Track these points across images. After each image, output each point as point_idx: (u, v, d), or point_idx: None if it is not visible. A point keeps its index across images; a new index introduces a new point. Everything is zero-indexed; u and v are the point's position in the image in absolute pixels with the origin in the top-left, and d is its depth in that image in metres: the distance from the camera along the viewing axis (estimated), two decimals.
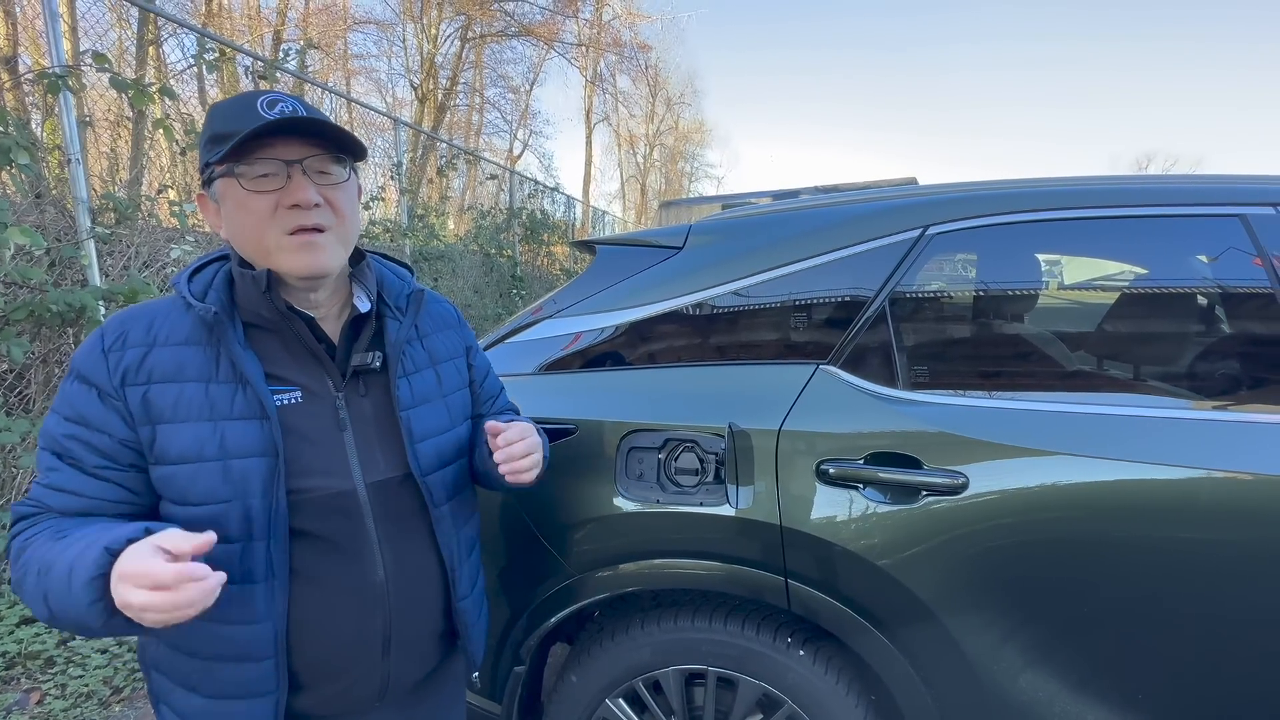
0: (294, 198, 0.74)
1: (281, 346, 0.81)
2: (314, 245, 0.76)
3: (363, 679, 0.84)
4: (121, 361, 0.74)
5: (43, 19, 2.58)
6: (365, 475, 0.82)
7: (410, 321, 0.90)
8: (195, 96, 5.10)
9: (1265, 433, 1.01)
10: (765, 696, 1.21)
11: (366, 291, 0.86)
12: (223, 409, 0.75)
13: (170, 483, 0.74)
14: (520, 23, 17.23)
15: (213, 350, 0.76)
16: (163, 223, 3.21)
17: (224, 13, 11.54)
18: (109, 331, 0.76)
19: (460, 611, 0.92)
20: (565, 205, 12.07)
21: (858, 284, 1.22)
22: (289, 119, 0.73)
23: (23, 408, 2.50)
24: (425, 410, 0.89)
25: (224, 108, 0.77)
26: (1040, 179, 1.28)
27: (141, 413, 0.73)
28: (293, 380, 0.80)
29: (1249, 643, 0.99)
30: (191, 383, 0.75)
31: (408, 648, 0.87)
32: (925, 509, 1.07)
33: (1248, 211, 1.11)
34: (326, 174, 0.78)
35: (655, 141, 29.23)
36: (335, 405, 0.82)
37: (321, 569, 0.80)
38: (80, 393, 0.74)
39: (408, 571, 0.85)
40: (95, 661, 2.02)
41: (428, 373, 0.92)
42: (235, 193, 0.75)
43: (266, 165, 0.74)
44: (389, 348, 0.86)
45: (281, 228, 0.75)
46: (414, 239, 5.95)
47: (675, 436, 1.20)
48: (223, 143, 0.73)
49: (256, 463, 0.75)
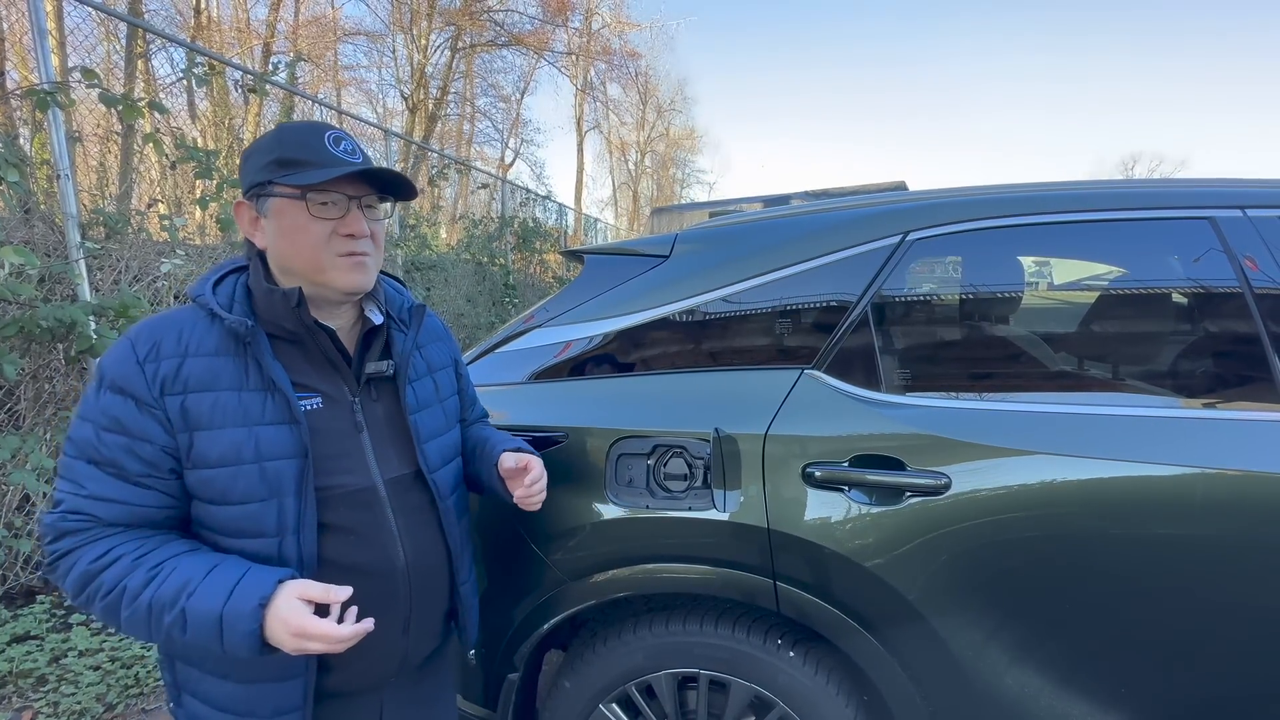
0: (350, 228, 0.84)
1: (303, 356, 0.88)
2: (362, 265, 0.86)
3: (385, 656, 0.92)
4: (159, 372, 0.79)
5: (30, 35, 2.58)
6: (382, 472, 0.90)
7: (414, 333, 0.98)
8: (185, 110, 5.10)
9: (1242, 429, 1.04)
10: (757, 698, 1.22)
11: (378, 305, 0.95)
12: (255, 415, 0.81)
13: (209, 485, 0.80)
14: (510, 32, 17.29)
15: (243, 360, 0.83)
16: (153, 237, 3.20)
17: (213, 26, 11.54)
18: (140, 343, 0.81)
19: (461, 595, 1.01)
20: (557, 213, 12.09)
21: (841, 289, 1.24)
22: (373, 170, 0.84)
23: (13, 424, 2.49)
24: (427, 414, 0.99)
25: (292, 135, 0.85)
26: (1017, 185, 1.31)
27: (180, 420, 0.79)
28: (314, 387, 0.88)
29: (1230, 637, 1.01)
30: (225, 391, 0.81)
31: (423, 626, 0.96)
32: (910, 510, 1.09)
33: (1217, 214, 1.14)
34: (373, 209, 0.89)
35: (646, 148, 29.36)
36: (353, 409, 0.90)
37: (350, 557, 0.87)
38: (117, 403, 0.78)
39: (424, 558, 0.94)
40: (88, 679, 2.00)
41: (426, 380, 1.01)
42: (297, 214, 0.83)
43: (333, 197, 0.84)
44: (397, 357, 0.95)
45: (335, 250, 0.84)
46: (406, 249, 5.94)
47: (664, 442, 1.22)
48: (292, 168, 0.82)
49: (289, 464, 0.82)
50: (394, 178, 0.88)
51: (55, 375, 2.57)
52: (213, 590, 0.75)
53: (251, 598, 0.74)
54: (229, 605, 0.74)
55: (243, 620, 0.73)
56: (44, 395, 2.55)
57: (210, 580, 0.76)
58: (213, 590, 0.75)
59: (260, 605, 0.74)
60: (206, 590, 0.75)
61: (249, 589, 0.75)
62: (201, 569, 0.77)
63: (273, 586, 0.75)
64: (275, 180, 0.82)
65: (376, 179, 0.87)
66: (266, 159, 0.83)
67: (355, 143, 0.88)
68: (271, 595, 0.75)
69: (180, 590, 0.75)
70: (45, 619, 2.27)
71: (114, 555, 0.77)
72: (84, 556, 0.77)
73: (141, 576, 0.76)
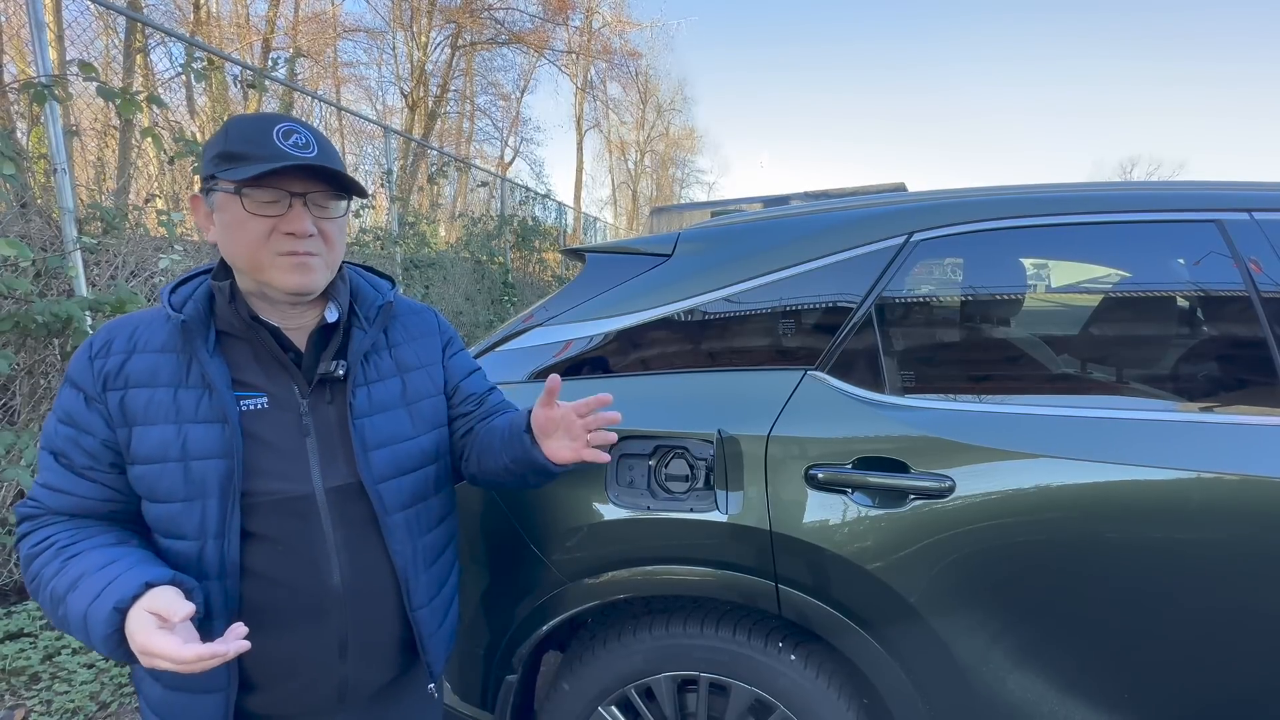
0: (291, 226, 0.79)
1: (251, 355, 0.85)
2: (306, 266, 0.81)
3: (318, 681, 0.86)
4: (104, 367, 0.80)
5: (28, 28, 2.56)
6: (325, 480, 0.85)
7: (376, 331, 0.93)
8: (183, 105, 5.08)
9: (1247, 434, 1.03)
10: (758, 702, 1.21)
11: (337, 303, 0.89)
12: (188, 412, 0.80)
13: (141, 481, 0.80)
14: (510, 30, 17.27)
15: (185, 357, 0.81)
16: (150, 232, 3.18)
17: (212, 21, 11.51)
18: (96, 339, 0.82)
19: (416, 620, 0.92)
20: (557, 212, 12.08)
21: (844, 290, 1.23)
22: (308, 164, 0.78)
23: (7, 420, 2.47)
24: (383, 419, 0.90)
25: (239, 128, 0.80)
26: (1023, 186, 1.31)
27: (119, 415, 0.79)
28: (260, 387, 0.84)
29: (1234, 642, 1.00)
30: (162, 387, 0.80)
31: (367, 652, 0.88)
32: (913, 513, 1.08)
33: (1224, 217, 1.13)
34: (324, 208, 0.83)
35: (646, 148, 29.35)
36: (300, 412, 0.85)
37: (275, 570, 0.82)
38: (71, 397, 0.81)
39: (365, 576, 0.87)
40: (82, 677, 1.99)
41: (393, 381, 0.94)
42: (236, 210, 0.78)
43: (273, 193, 0.78)
44: (350, 356, 0.89)
45: (275, 249, 0.79)
46: (405, 247, 5.93)
47: (665, 443, 1.21)
48: (233, 162, 0.77)
49: (214, 464, 0.79)
50: (333, 175, 0.80)
51: (51, 371, 2.55)
52: (89, 588, 0.71)
53: (109, 602, 0.69)
54: (93, 606, 0.70)
55: (99, 625, 0.69)
56: (39, 391, 2.53)
57: (96, 577, 0.72)
58: (89, 588, 0.71)
59: (116, 610, 0.69)
60: (86, 587, 0.72)
61: (113, 592, 0.70)
62: (98, 563, 0.74)
63: (134, 590, 0.70)
64: (217, 174, 0.79)
65: (331, 175, 0.81)
66: (213, 152, 0.80)
67: (312, 135, 0.81)
68: (131, 600, 0.69)
69: (72, 584, 0.73)
70: (39, 616, 2.25)
71: (48, 543, 0.78)
72: (29, 541, 0.79)
73: (55, 566, 0.75)
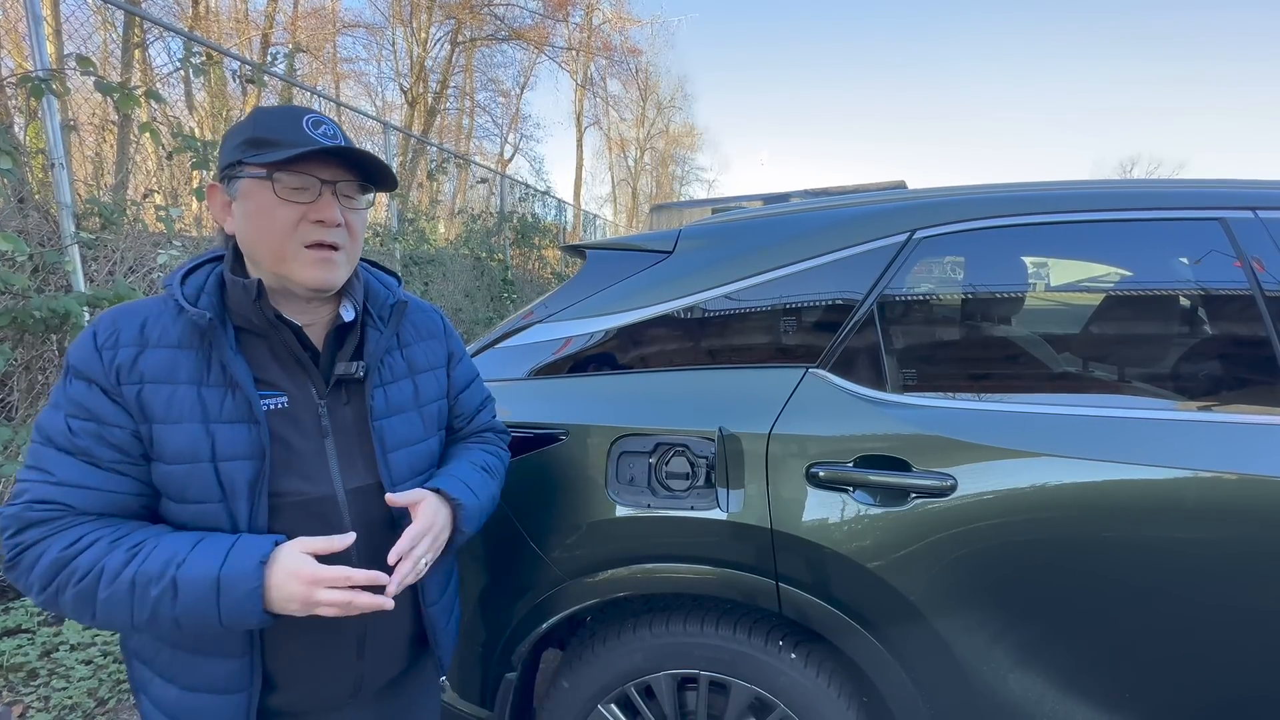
0: (320, 214, 0.78)
1: (269, 353, 0.83)
2: (330, 261, 0.80)
3: (336, 679, 0.87)
4: (116, 359, 0.76)
5: (25, 22, 2.54)
6: (345, 482, 0.84)
7: (391, 331, 0.92)
8: (182, 100, 5.06)
9: (1249, 433, 1.02)
10: (758, 700, 1.21)
11: (353, 301, 0.89)
12: (214, 412, 0.77)
13: (169, 481, 0.77)
14: (510, 27, 17.23)
15: (204, 354, 0.79)
16: (149, 228, 3.17)
17: (211, 16, 11.47)
18: (102, 329, 0.78)
19: (429, 617, 0.95)
20: (556, 209, 12.06)
21: (846, 288, 1.23)
22: (344, 148, 0.78)
23: (5, 416, 2.47)
24: (399, 421, 0.91)
25: (268, 116, 0.80)
26: (1025, 183, 1.30)
27: (138, 410, 0.76)
28: (279, 386, 0.82)
29: (1234, 641, 1.00)
30: (184, 385, 0.77)
31: (381, 650, 0.90)
32: (914, 511, 1.08)
33: (1228, 215, 1.13)
34: (351, 199, 0.83)
35: (646, 145, 29.30)
36: (318, 412, 0.84)
37: None
38: (83, 390, 0.76)
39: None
40: (79, 673, 1.98)
41: (405, 383, 0.93)
42: (265, 197, 0.77)
43: (304, 180, 0.78)
44: (368, 357, 0.88)
45: (301, 239, 0.78)
46: (404, 243, 5.91)
47: (666, 441, 1.20)
48: (264, 147, 0.77)
49: (244, 465, 0.78)
50: (372, 163, 0.81)
51: (48, 367, 2.54)
52: (205, 558, 0.72)
53: (252, 557, 0.72)
54: (226, 567, 0.71)
55: (244, 579, 0.71)
56: (37, 387, 2.52)
57: (200, 550, 0.73)
58: (205, 558, 0.72)
59: (261, 563, 0.72)
60: (198, 558, 0.72)
61: (247, 550, 0.73)
62: (187, 544, 0.74)
63: (271, 547, 0.74)
64: (245, 160, 0.77)
65: (358, 165, 0.81)
66: (240, 139, 0.78)
67: (338, 128, 0.82)
68: (271, 555, 0.73)
69: (168, 561, 0.72)
70: (36, 612, 2.25)
71: (89, 540, 0.73)
72: (54, 545, 0.72)
73: (121, 556, 0.72)
